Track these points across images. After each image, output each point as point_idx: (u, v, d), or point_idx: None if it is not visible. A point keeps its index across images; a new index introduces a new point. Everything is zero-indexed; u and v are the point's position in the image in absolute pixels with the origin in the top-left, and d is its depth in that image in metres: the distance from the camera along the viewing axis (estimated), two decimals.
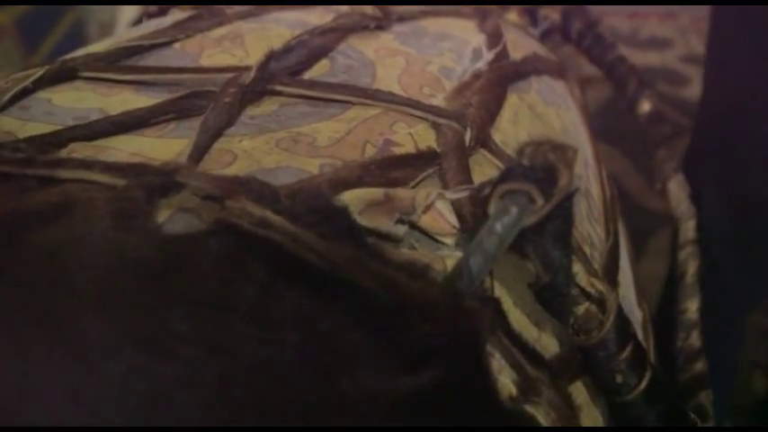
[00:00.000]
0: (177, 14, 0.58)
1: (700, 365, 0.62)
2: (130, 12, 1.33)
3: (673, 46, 1.89)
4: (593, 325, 0.32)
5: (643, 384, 0.34)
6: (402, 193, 0.31)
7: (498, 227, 0.27)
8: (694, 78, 1.67)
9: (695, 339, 0.64)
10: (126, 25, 1.33)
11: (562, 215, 0.28)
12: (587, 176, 0.53)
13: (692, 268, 0.67)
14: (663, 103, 1.03)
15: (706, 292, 0.64)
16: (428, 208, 0.31)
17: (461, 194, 0.31)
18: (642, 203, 1.40)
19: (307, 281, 0.27)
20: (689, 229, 0.67)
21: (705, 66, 0.88)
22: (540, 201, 0.27)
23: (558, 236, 0.29)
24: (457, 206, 0.32)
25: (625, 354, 0.33)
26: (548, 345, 0.34)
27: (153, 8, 1.32)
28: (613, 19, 1.92)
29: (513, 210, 0.27)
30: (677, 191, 0.68)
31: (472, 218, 0.30)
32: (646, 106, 0.71)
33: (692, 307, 0.65)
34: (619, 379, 0.33)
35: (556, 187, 0.28)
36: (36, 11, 1.31)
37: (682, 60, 1.82)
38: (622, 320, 0.33)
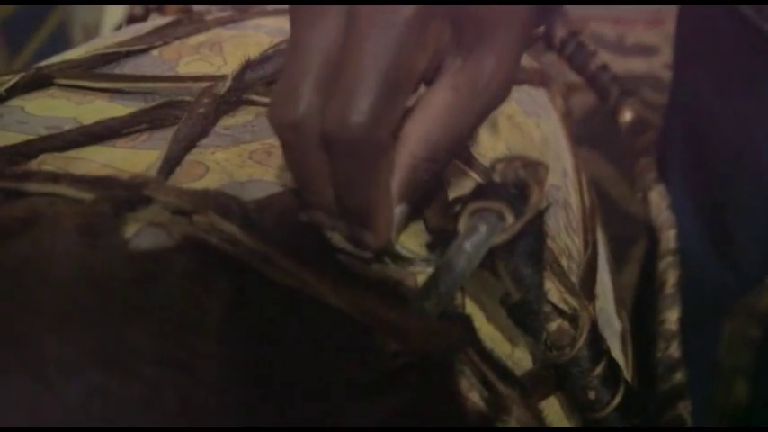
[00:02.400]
0: (158, 20, 0.58)
1: (679, 376, 0.62)
2: (115, 14, 1.33)
3: (659, 53, 1.90)
4: (566, 341, 0.32)
5: (616, 400, 0.34)
6: None
7: (467, 245, 0.26)
8: None
9: (675, 350, 0.64)
10: (111, 28, 1.33)
11: (533, 232, 0.28)
12: (566, 187, 0.53)
13: (671, 278, 0.67)
14: (648, 110, 1.04)
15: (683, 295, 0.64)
16: (398, 225, 0.30)
17: (431, 211, 0.31)
18: (626, 210, 1.41)
19: (273, 299, 0.27)
20: (669, 238, 0.67)
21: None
22: (510, 219, 0.27)
23: (529, 253, 0.28)
24: (430, 222, 0.32)
25: (598, 370, 0.33)
26: (521, 360, 0.34)
27: (138, 11, 1.31)
28: (599, 26, 1.93)
29: (483, 228, 0.26)
30: (658, 200, 0.68)
31: (444, 234, 0.30)
32: (627, 115, 0.71)
33: (671, 317, 0.65)
34: (592, 395, 0.33)
35: (527, 205, 0.27)
36: (21, 13, 1.30)
37: (667, 67, 1.83)
38: (595, 337, 0.33)
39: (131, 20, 1.34)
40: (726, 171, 0.83)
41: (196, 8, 0.60)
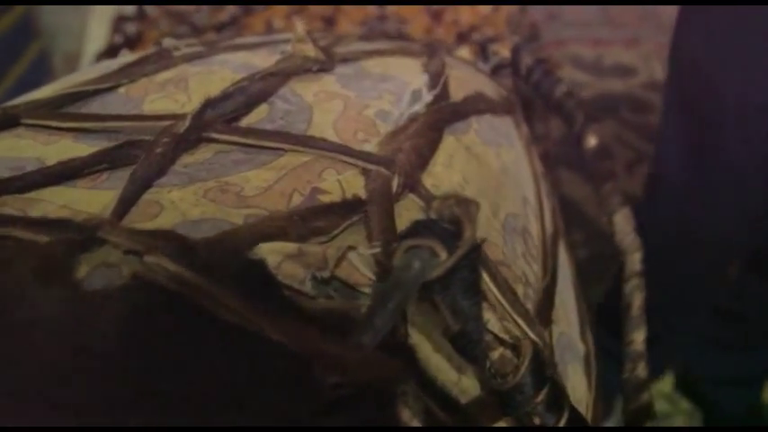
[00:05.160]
0: (127, 56, 0.59)
1: (646, 396, 0.64)
2: (96, 43, 1.34)
3: (637, 73, 1.92)
4: (509, 369, 0.33)
5: (561, 425, 0.35)
6: (314, 248, 0.32)
7: (402, 281, 0.28)
8: (657, 105, 1.70)
9: (641, 370, 0.65)
10: (92, 57, 1.34)
11: (468, 266, 0.29)
12: (525, 215, 0.54)
13: (637, 300, 0.68)
14: (625, 129, 1.07)
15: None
16: (340, 261, 0.32)
17: (373, 250, 0.32)
18: (603, 229, 1.42)
19: (218, 336, 0.28)
20: (635, 261, 0.69)
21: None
22: (443, 255, 0.28)
23: (465, 286, 0.30)
24: (376, 256, 0.33)
25: (541, 396, 0.34)
26: (468, 388, 0.35)
27: (118, 39, 1.33)
28: (577, 46, 1.96)
29: (416, 265, 0.28)
30: (623, 224, 0.70)
31: (385, 269, 0.31)
32: (592, 141, 0.73)
33: (638, 338, 0.66)
34: (536, 421, 0.35)
35: (460, 240, 0.29)
36: (0, 42, 1.32)
37: (645, 87, 1.86)
38: (538, 364, 0.34)
39: (111, 49, 1.35)
40: (713, 120, 0.92)
41: (165, 43, 0.62)
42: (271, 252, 0.32)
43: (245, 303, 0.28)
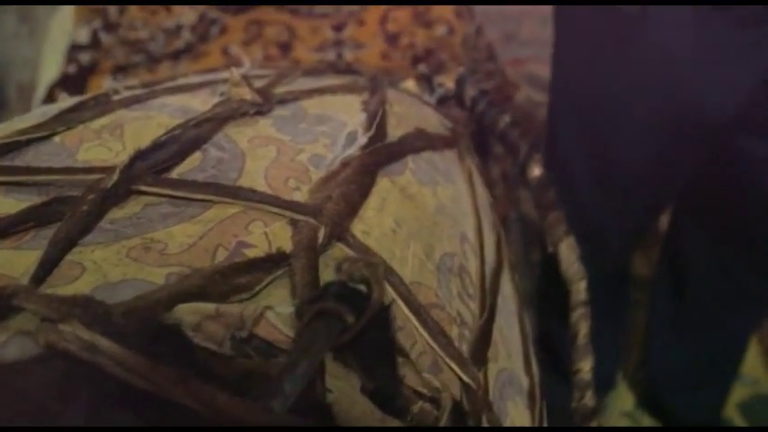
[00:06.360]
0: (66, 101, 0.59)
1: (594, 425, 0.65)
2: (50, 74, 1.34)
3: None
4: (430, 421, 0.34)
5: None
6: (232, 308, 0.32)
7: (309, 347, 0.28)
8: None
9: (589, 399, 0.66)
10: (45, 87, 1.33)
11: (378, 327, 0.30)
12: (463, 253, 0.55)
13: (583, 329, 0.69)
14: None
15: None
16: (257, 321, 0.32)
17: (287, 310, 0.33)
18: None
19: (131, 404, 0.28)
20: (580, 290, 0.70)
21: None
22: (350, 318, 0.29)
23: (377, 346, 0.30)
24: (292, 317, 0.33)
25: None
26: None
27: (72, 69, 1.32)
28: (535, 66, 1.98)
29: (323, 329, 0.28)
30: (568, 253, 0.71)
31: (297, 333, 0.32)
32: (536, 170, 0.74)
33: (585, 367, 0.67)
34: None
35: (369, 302, 0.29)
36: None
37: None
38: (459, 415, 0.35)
39: (65, 79, 1.35)
40: (602, 130, 1.06)
41: (106, 86, 0.62)
42: (189, 313, 0.32)
43: (157, 370, 0.28)
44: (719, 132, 1.01)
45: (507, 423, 0.51)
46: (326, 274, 0.38)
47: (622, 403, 1.52)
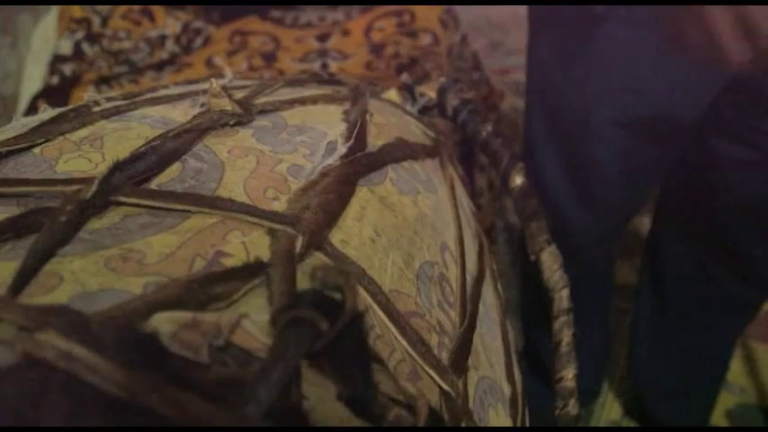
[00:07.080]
0: (47, 112, 0.59)
1: None
2: (33, 86, 1.34)
3: None
4: (406, 427, 0.34)
5: None
6: (209, 316, 0.32)
7: (283, 353, 0.29)
8: None
9: (572, 407, 0.67)
10: (28, 98, 1.33)
11: (352, 334, 0.30)
12: (443, 262, 0.55)
13: (566, 337, 0.69)
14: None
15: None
16: (234, 329, 0.32)
17: (264, 318, 0.33)
18: None
19: (107, 412, 0.28)
20: (562, 298, 0.70)
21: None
22: (324, 325, 0.29)
23: (351, 353, 0.31)
24: (272, 319, 0.34)
25: None
26: None
27: (55, 81, 1.32)
28: (520, 74, 1.98)
29: (297, 337, 0.29)
30: (550, 262, 0.71)
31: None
32: (518, 180, 0.74)
33: (568, 375, 0.68)
34: None
35: (343, 310, 0.30)
36: None
37: None
38: (436, 421, 0.35)
39: (48, 91, 1.35)
40: (573, 131, 1.07)
41: (87, 96, 0.62)
42: (165, 322, 0.32)
43: (134, 378, 0.29)
44: (690, 133, 1.02)
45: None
46: (304, 283, 0.38)
47: (609, 412, 1.52)
